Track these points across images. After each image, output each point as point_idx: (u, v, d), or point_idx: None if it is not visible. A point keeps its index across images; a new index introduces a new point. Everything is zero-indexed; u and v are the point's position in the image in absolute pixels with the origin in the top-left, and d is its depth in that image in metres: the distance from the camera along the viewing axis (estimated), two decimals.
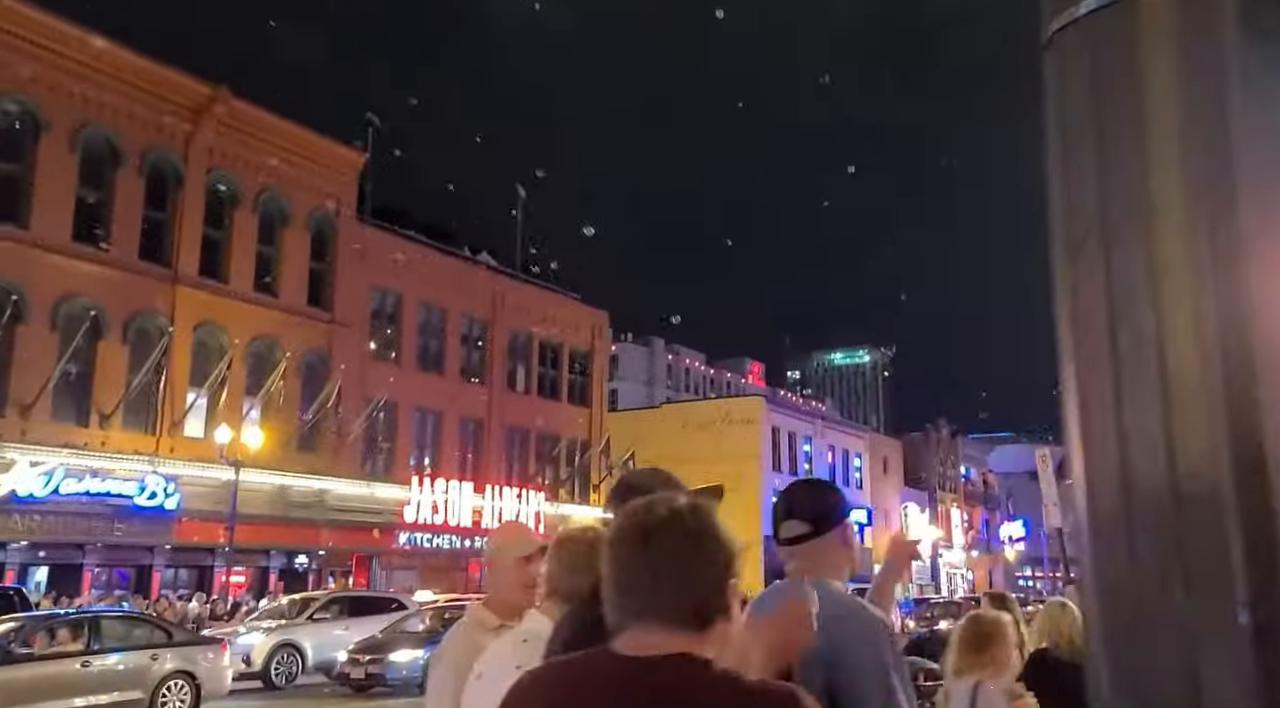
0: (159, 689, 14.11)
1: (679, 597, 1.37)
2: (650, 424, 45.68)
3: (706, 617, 1.38)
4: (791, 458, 49.97)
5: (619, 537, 1.44)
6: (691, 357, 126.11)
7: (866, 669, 1.99)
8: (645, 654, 1.35)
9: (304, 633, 19.14)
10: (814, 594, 1.93)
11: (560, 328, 37.93)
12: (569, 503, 36.21)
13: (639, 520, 1.43)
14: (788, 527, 2.31)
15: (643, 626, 1.37)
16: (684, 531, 1.40)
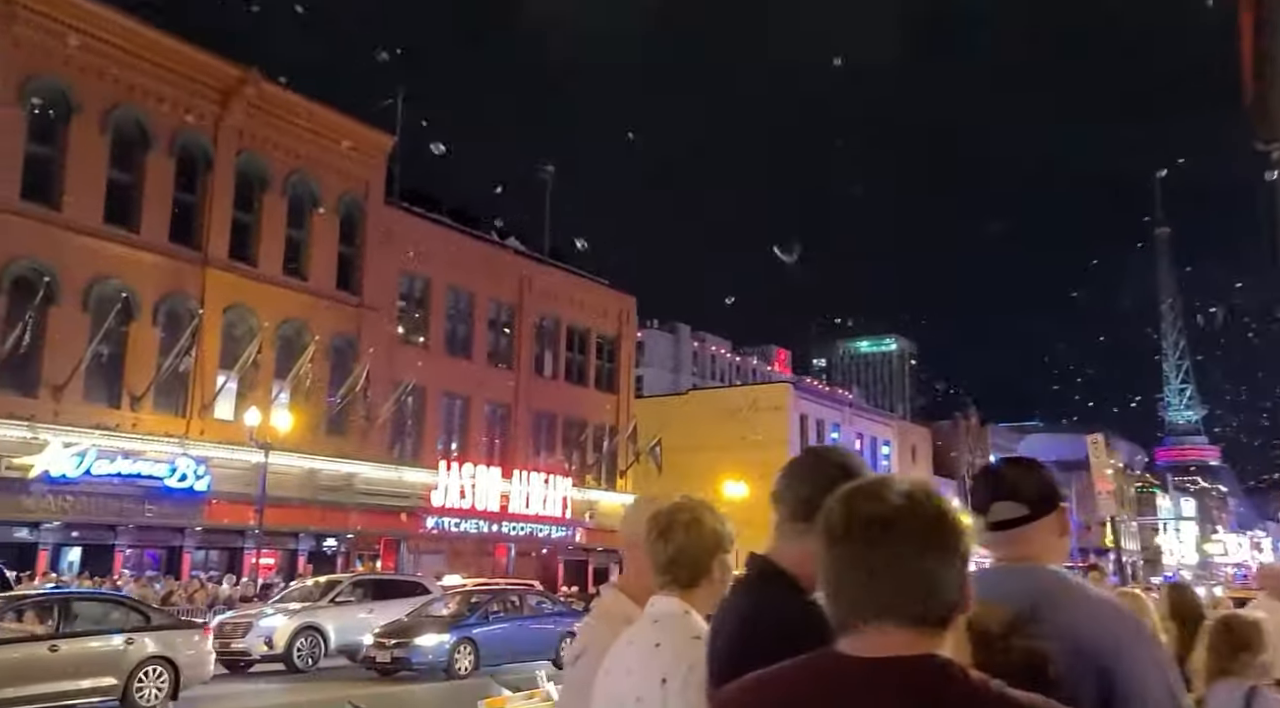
0: (134, 676, 13.13)
1: (922, 593, 1.25)
2: (677, 411, 45.45)
3: (948, 614, 1.26)
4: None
5: (848, 527, 1.28)
6: (717, 343, 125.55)
7: (1148, 672, 1.84)
8: (887, 656, 1.24)
9: (327, 616, 18.94)
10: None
11: (588, 313, 37.75)
12: (595, 489, 36.11)
13: (874, 509, 1.28)
14: (999, 509, 2.08)
15: (880, 625, 1.25)
16: (926, 519, 1.27)
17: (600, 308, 38.37)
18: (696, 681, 1.97)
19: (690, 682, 1.98)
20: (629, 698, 2.08)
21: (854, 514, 1.29)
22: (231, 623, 18.46)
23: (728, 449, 44.01)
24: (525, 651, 17.84)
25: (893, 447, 55.64)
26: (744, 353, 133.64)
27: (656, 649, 2.07)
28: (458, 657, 17.01)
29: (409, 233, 31.23)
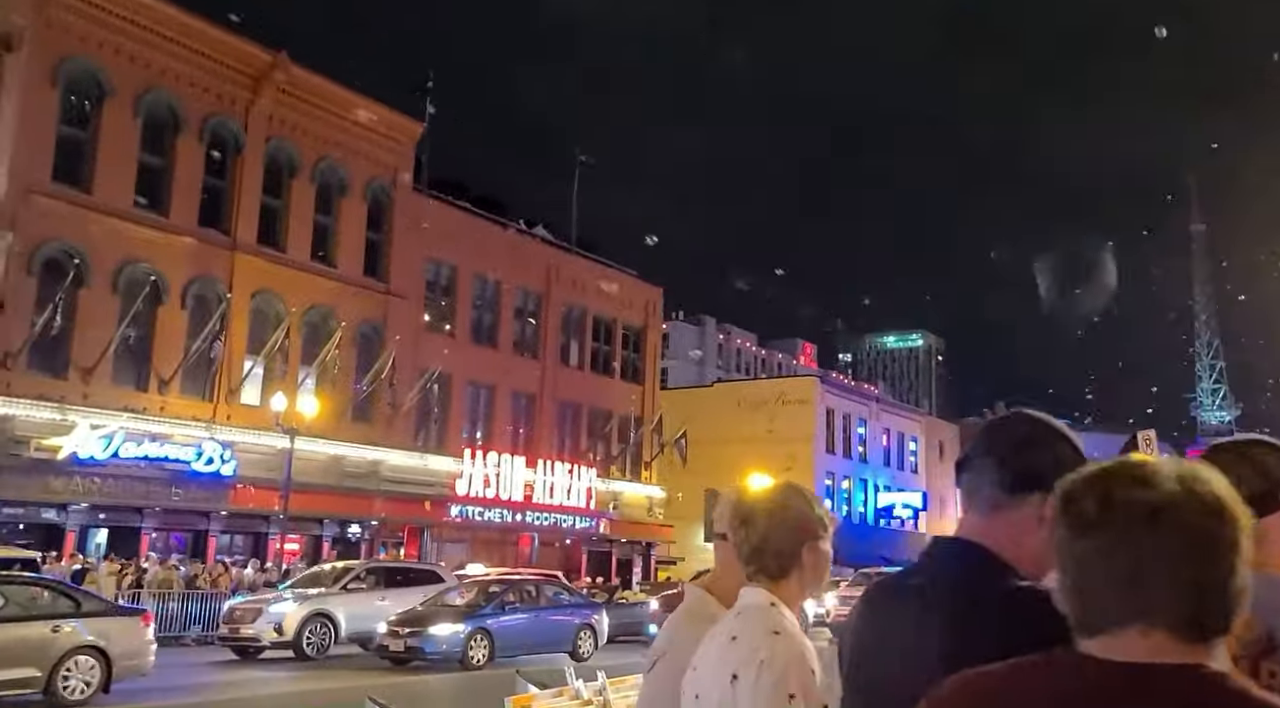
0: (59, 666, 12.01)
1: (1195, 594, 1.07)
2: (702, 403, 45.23)
3: (1225, 620, 1.08)
4: (846, 440, 49.17)
5: (1104, 516, 1.08)
6: (743, 337, 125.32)
7: None
8: (1151, 663, 1.07)
9: (338, 603, 18.41)
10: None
11: (614, 303, 37.54)
12: (620, 480, 35.95)
13: (1141, 496, 1.07)
14: None
15: (1140, 627, 1.08)
16: (1203, 509, 1.07)
17: (627, 298, 38.15)
18: (772, 679, 1.82)
19: (764, 680, 1.83)
20: (693, 696, 1.98)
21: (1112, 501, 1.08)
22: (241, 609, 18.14)
23: (753, 442, 43.75)
24: (541, 642, 17.63)
25: (920, 443, 55.09)
26: (770, 346, 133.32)
27: (732, 644, 1.93)
28: (472, 647, 16.60)
29: (436, 220, 31.13)
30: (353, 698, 11.36)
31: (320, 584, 19.30)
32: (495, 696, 13.54)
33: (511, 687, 7.03)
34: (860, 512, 50.00)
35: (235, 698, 14.06)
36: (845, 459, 48.99)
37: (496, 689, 15.04)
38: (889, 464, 52.44)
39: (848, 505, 49.19)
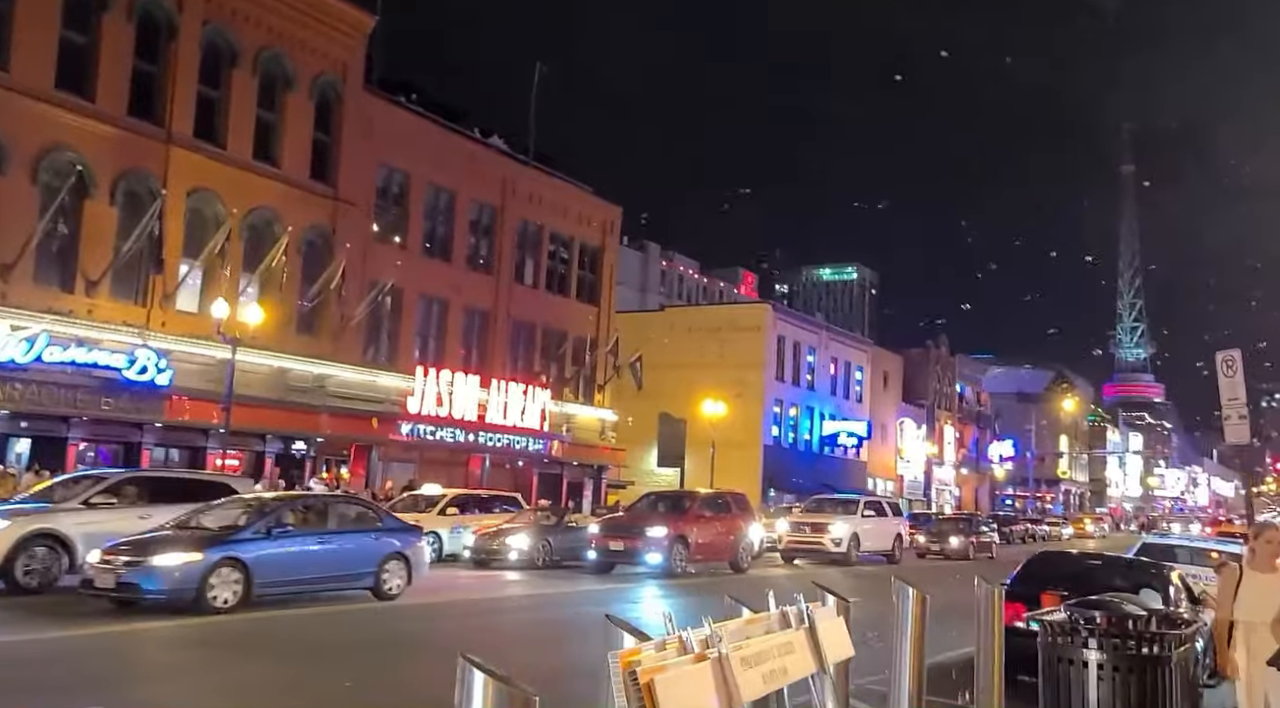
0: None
1: None
2: (653, 327, 44.39)
3: None
4: (795, 368, 48.97)
5: None
6: (685, 264, 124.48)
7: None
8: None
9: (72, 522, 13.77)
10: None
11: (571, 221, 36.15)
12: (573, 403, 35.08)
13: None
14: None
15: None
16: None
17: (584, 216, 36.77)
18: None
19: None
20: None
21: None
22: None
23: (704, 368, 43.26)
24: (325, 577, 13.49)
25: (865, 372, 55.27)
26: (712, 274, 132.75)
27: None
28: (215, 584, 11.93)
29: (389, 124, 29.23)
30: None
31: (60, 498, 14.85)
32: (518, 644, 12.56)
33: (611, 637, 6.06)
34: (806, 440, 50.13)
35: None
36: (794, 387, 48.85)
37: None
38: (835, 393, 52.54)
39: (794, 433, 49.23)
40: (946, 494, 65.05)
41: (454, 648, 2.53)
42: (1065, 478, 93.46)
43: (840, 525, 26.33)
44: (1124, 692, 4.45)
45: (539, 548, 21.00)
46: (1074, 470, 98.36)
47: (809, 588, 14.67)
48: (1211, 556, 11.80)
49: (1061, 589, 7.58)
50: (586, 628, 12.54)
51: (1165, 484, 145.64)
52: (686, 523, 20.91)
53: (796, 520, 27.62)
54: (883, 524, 28.51)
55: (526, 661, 8.87)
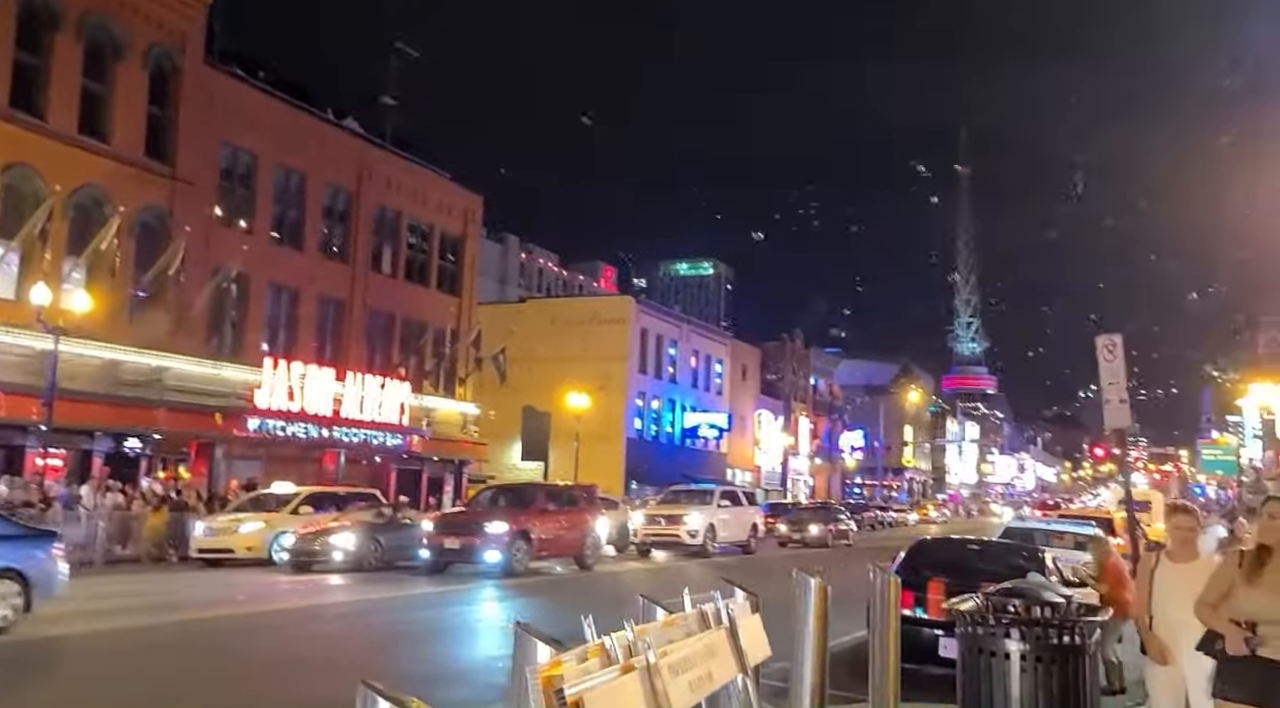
0: None
1: None
2: (515, 319, 43.70)
3: None
4: (657, 361, 49.21)
5: None
6: (545, 256, 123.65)
7: None
8: None
9: None
10: None
11: (431, 209, 35.01)
12: (433, 395, 34.03)
13: None
14: None
15: None
16: None
17: (445, 204, 35.68)
18: None
19: None
20: None
21: None
22: None
23: (567, 361, 42.89)
24: None
25: (725, 365, 56.13)
26: (572, 268, 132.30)
27: None
28: None
29: (233, 100, 27.48)
30: None
31: None
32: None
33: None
34: (668, 432, 50.48)
35: None
36: (656, 379, 49.08)
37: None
38: (696, 386, 53.13)
39: (657, 426, 49.48)
40: (801, 484, 66.93)
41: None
42: (910, 466, 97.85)
43: (696, 517, 25.99)
44: (1046, 682, 4.37)
45: (368, 548, 19.38)
46: (918, 459, 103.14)
47: (666, 583, 14.54)
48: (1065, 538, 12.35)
49: (946, 576, 7.63)
50: (418, 635, 11.54)
51: (997, 471, 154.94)
52: (530, 518, 19.73)
53: (652, 512, 27.28)
54: (739, 514, 28.43)
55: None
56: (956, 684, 4.90)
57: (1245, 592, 4.01)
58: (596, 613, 2.68)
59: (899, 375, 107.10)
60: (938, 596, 7.25)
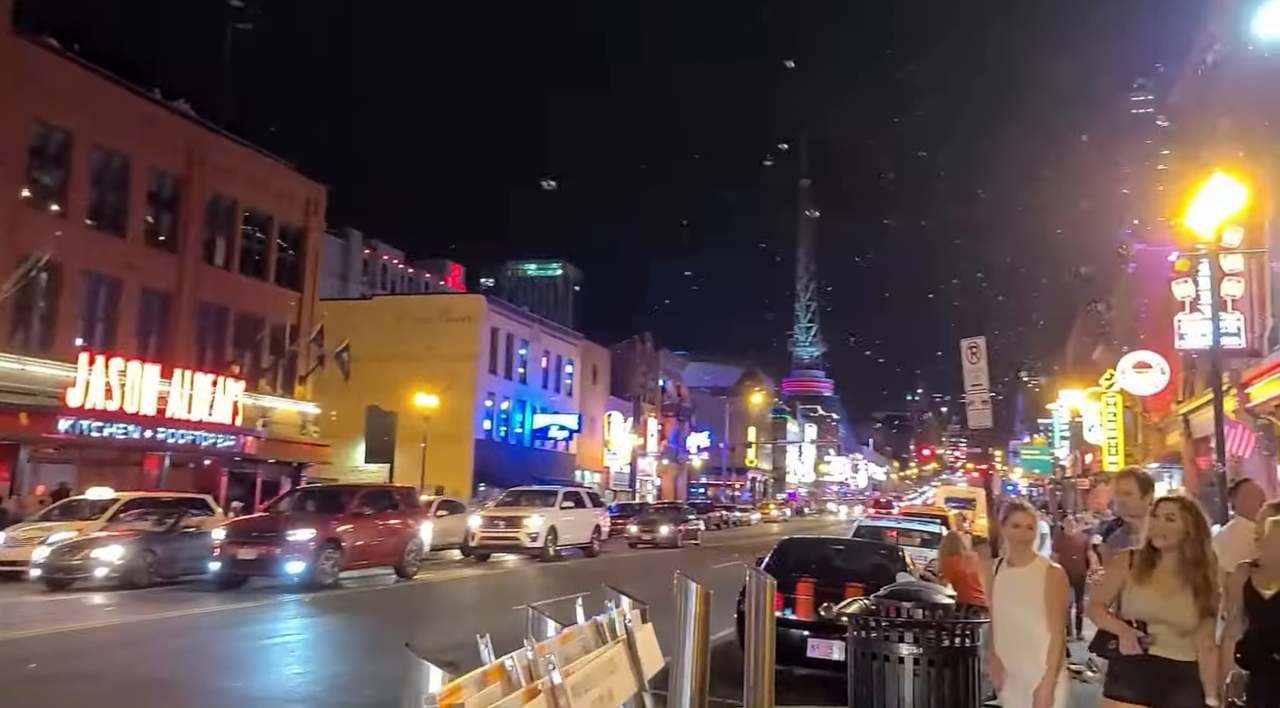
0: None
1: None
2: (359, 316, 42.21)
3: None
4: (508, 361, 48.54)
5: None
6: (390, 254, 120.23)
7: None
8: None
9: None
10: None
11: (270, 198, 33.22)
12: (271, 395, 32.30)
13: None
14: None
15: None
16: None
17: (286, 193, 33.94)
18: None
19: None
20: None
21: None
22: None
23: (414, 360, 41.73)
24: None
25: (576, 366, 55.98)
26: (418, 266, 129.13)
27: None
28: None
29: (47, 74, 25.21)
30: None
31: None
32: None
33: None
34: (518, 433, 49.87)
35: None
36: (506, 380, 48.41)
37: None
38: (547, 386, 52.74)
39: (506, 427, 48.80)
40: (649, 485, 67.55)
41: None
42: (752, 467, 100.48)
43: (536, 519, 25.20)
44: (938, 686, 4.36)
45: (141, 561, 17.09)
46: (760, 459, 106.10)
47: (493, 590, 13.94)
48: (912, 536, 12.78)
49: (813, 577, 7.66)
50: (176, 668, 9.59)
51: (833, 471, 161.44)
52: (340, 523, 18.10)
53: (490, 515, 26.04)
54: (582, 516, 27.82)
55: None
56: (847, 689, 4.86)
57: (1137, 592, 4.05)
58: (417, 627, 2.39)
59: (744, 378, 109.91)
60: (806, 596, 7.28)
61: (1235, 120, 19.27)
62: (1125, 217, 39.89)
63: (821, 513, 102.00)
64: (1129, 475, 5.43)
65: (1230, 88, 20.19)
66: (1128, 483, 5.25)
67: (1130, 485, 5.20)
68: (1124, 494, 5.24)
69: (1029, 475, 74.68)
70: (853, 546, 10.56)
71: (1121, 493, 5.30)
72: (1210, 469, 24.51)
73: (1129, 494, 5.16)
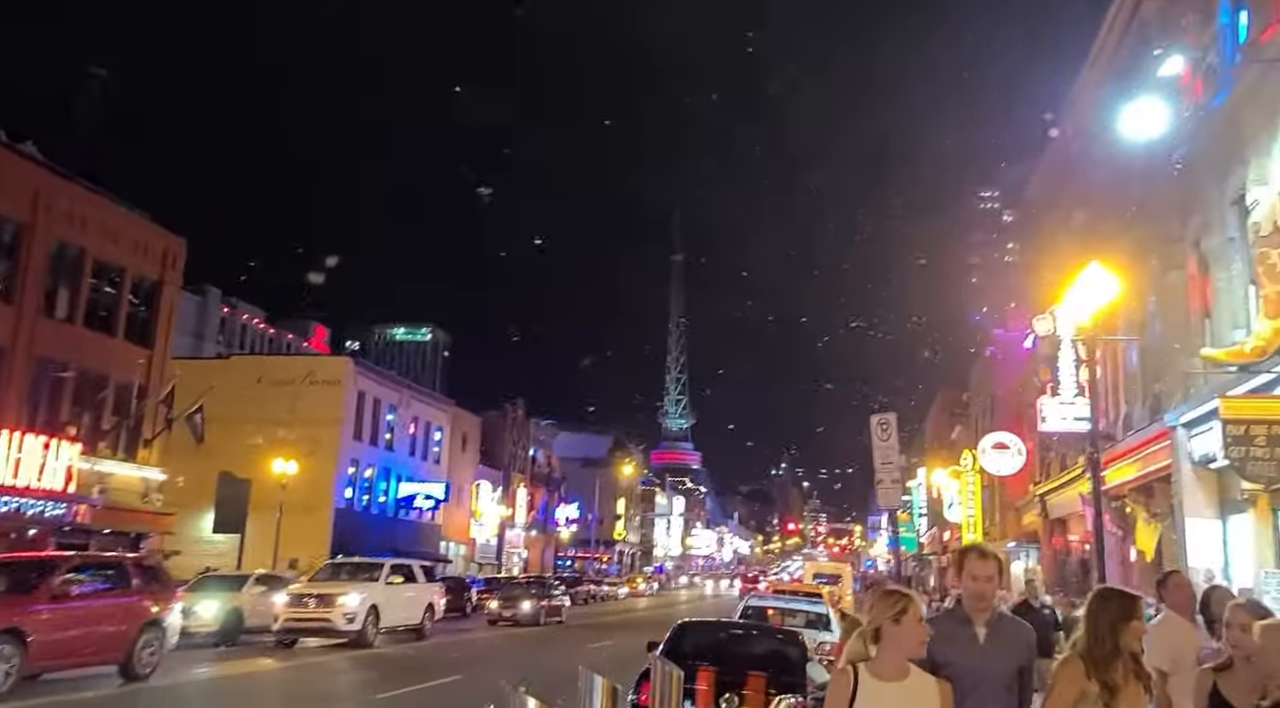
0: None
1: None
2: (215, 377, 39.78)
3: None
4: (374, 426, 46.80)
5: None
6: (251, 313, 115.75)
7: None
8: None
9: None
10: None
11: (124, 249, 31.22)
12: (111, 459, 29.88)
13: None
14: None
15: None
16: None
17: (141, 245, 31.98)
18: None
19: None
20: None
21: None
22: None
23: (274, 423, 39.76)
24: None
25: (445, 433, 54.50)
26: (280, 326, 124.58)
27: None
28: None
29: None
30: None
31: None
32: None
33: None
34: (381, 502, 47.89)
35: None
36: (372, 446, 46.58)
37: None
38: (414, 453, 51.04)
39: (369, 495, 46.81)
40: (516, 557, 65.89)
41: None
42: (621, 539, 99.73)
43: (354, 596, 21.72)
44: None
45: None
46: (628, 531, 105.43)
47: (271, 695, 12.39)
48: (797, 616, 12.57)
49: (713, 664, 7.25)
50: None
51: (700, 544, 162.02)
52: (24, 608, 13.28)
53: (299, 592, 22.33)
54: (412, 592, 24.66)
55: None
56: None
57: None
58: None
59: (614, 448, 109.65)
60: (706, 687, 6.86)
61: (1088, 213, 20.55)
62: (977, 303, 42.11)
63: (690, 587, 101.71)
64: (990, 557, 4.28)
65: (1081, 184, 21.59)
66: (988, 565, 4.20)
67: (992, 569, 4.19)
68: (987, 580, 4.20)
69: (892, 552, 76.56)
70: (751, 630, 10.20)
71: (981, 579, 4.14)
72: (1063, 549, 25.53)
73: (992, 580, 4.20)
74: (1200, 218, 14.36)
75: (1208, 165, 13.91)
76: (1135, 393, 18.38)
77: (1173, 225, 15.37)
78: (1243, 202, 12.67)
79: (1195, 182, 14.41)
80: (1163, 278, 15.83)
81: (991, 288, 38.21)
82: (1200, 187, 14.24)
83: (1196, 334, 14.37)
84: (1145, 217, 16.66)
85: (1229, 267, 13.27)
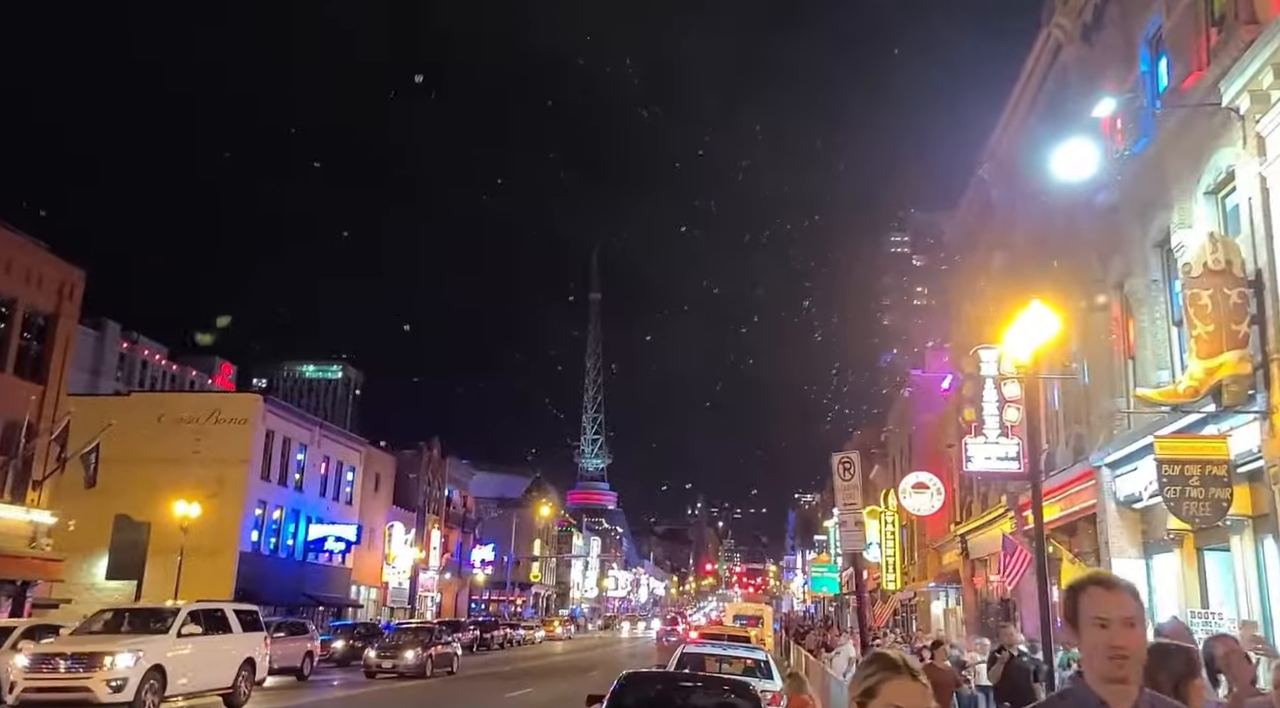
0: None
1: None
2: (113, 414, 37.65)
3: None
4: (284, 466, 44.99)
5: None
6: (152, 349, 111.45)
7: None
8: None
9: None
10: None
11: (16, 280, 29.50)
12: None
13: None
14: None
15: None
16: None
17: (35, 275, 30.26)
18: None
19: None
20: None
21: None
22: None
23: (176, 463, 37.93)
24: None
25: (358, 473, 52.80)
26: (182, 362, 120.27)
27: None
28: None
29: None
30: None
31: None
32: None
33: None
34: (289, 545, 45.95)
35: None
36: (281, 487, 44.73)
37: None
38: (325, 494, 49.23)
39: (277, 538, 44.86)
40: (429, 600, 63.97)
41: None
42: (537, 581, 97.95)
43: (125, 657, 16.48)
44: None
45: None
46: (544, 574, 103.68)
47: None
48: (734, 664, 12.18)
49: None
50: None
51: (617, 585, 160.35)
52: None
53: (49, 650, 17.06)
54: (220, 645, 19.11)
55: None
56: None
57: None
58: None
59: (531, 488, 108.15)
60: None
61: (1009, 255, 21.00)
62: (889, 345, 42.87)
63: (607, 629, 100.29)
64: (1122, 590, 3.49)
65: (1001, 227, 22.09)
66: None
67: (1130, 607, 3.61)
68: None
69: (811, 594, 76.80)
70: (699, 681, 9.74)
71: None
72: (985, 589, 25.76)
73: None
74: (1122, 260, 14.69)
75: (1130, 209, 14.27)
76: (1056, 433, 18.68)
77: (1094, 267, 15.72)
78: (1166, 244, 12.97)
79: (1117, 225, 14.76)
80: (1085, 319, 16.15)
81: (905, 329, 38.92)
82: (1123, 229, 14.59)
83: (1120, 376, 14.62)
84: (1066, 259, 17.04)
85: (1152, 308, 13.55)
